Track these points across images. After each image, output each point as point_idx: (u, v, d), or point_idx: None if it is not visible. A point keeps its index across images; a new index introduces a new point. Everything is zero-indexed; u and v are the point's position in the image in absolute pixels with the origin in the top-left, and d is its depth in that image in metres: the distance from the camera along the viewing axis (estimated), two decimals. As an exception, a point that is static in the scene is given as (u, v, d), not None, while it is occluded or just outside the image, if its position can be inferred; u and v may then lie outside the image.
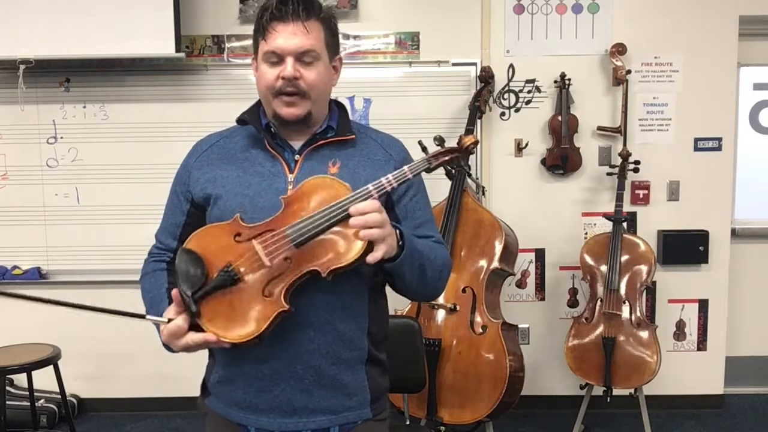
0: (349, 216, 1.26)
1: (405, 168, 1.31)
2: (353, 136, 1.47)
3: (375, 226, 1.26)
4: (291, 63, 1.38)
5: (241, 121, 1.51)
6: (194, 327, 1.31)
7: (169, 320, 1.31)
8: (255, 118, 1.48)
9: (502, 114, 3.62)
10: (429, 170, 1.34)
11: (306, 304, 1.36)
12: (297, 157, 1.44)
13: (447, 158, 1.34)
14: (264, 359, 1.39)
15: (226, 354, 1.44)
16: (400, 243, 1.33)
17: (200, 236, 1.35)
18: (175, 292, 1.31)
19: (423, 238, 1.46)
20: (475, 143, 1.35)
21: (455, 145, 1.35)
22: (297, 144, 1.46)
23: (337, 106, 1.53)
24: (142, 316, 1.35)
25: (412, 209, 1.47)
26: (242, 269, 1.30)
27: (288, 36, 1.38)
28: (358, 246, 1.27)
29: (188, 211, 1.49)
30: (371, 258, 1.26)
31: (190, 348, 1.32)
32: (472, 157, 3.35)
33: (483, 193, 3.52)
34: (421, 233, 1.46)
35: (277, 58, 1.39)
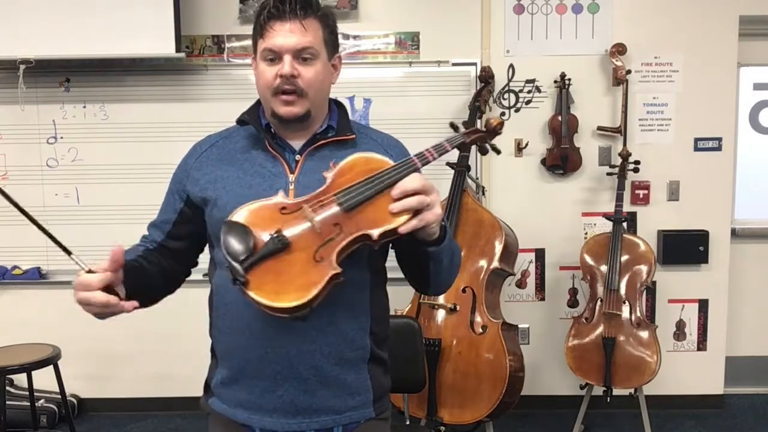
0: (394, 183, 1.28)
1: (444, 141, 1.37)
2: (353, 136, 1.47)
3: (412, 194, 1.26)
4: (288, 61, 1.38)
5: (240, 121, 1.51)
6: (109, 291, 1.29)
7: (89, 271, 1.28)
8: (255, 118, 1.48)
9: (502, 114, 3.62)
10: (464, 146, 1.43)
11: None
12: (297, 157, 1.44)
13: (479, 135, 1.44)
14: (267, 360, 1.39)
15: (230, 355, 1.44)
16: (444, 223, 1.36)
17: (244, 210, 1.30)
18: (116, 250, 1.29)
19: None
20: (502, 124, 1.44)
21: (485, 127, 1.46)
22: (297, 144, 1.46)
23: (336, 106, 1.53)
24: (69, 252, 1.32)
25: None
26: (291, 235, 1.27)
27: (286, 34, 1.38)
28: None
29: (180, 210, 1.49)
30: (405, 227, 1.25)
31: (90, 303, 1.29)
32: (471, 157, 3.35)
33: (483, 193, 3.52)
34: None
35: (274, 56, 1.39)
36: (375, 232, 1.26)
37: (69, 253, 1.31)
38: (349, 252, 1.27)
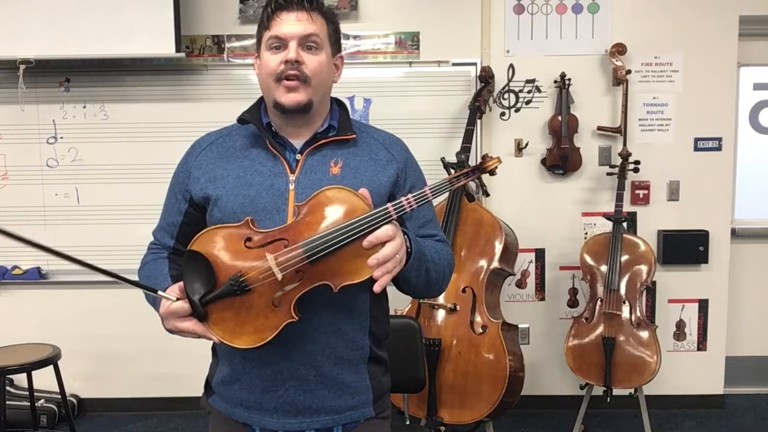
0: (364, 237, 1.25)
1: (426, 189, 1.31)
2: (354, 136, 1.47)
3: (390, 260, 1.26)
4: (294, 47, 1.39)
5: (242, 120, 1.50)
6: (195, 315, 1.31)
7: (177, 299, 1.30)
8: (256, 117, 1.48)
9: (502, 114, 3.62)
10: (450, 191, 1.36)
11: (307, 306, 1.36)
12: (298, 156, 1.44)
13: (468, 180, 1.34)
14: (267, 360, 1.39)
15: (231, 354, 1.44)
16: (409, 250, 1.34)
17: (209, 238, 1.31)
18: (180, 285, 1.30)
19: (427, 237, 1.46)
20: (497, 164, 1.35)
21: (477, 166, 1.35)
22: (298, 143, 1.45)
23: (338, 105, 1.53)
24: (154, 291, 1.32)
25: (416, 209, 1.47)
26: (252, 279, 1.28)
27: (292, 22, 1.40)
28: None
29: (186, 211, 1.48)
30: (377, 287, 1.26)
31: (186, 334, 1.31)
32: (471, 157, 3.35)
33: (485, 194, 3.51)
34: (425, 232, 1.47)
35: (280, 44, 1.40)
36: (336, 285, 1.27)
37: (155, 291, 1.32)
38: (308, 293, 1.29)
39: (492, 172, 1.35)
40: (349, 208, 1.28)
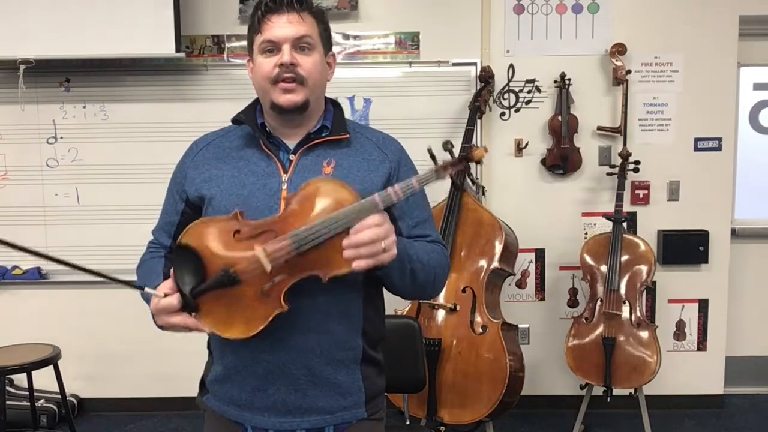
0: (351, 227, 1.26)
1: (413, 180, 1.29)
2: (347, 136, 1.47)
3: (365, 245, 1.24)
4: (288, 50, 1.39)
5: (236, 121, 1.51)
6: (186, 308, 1.32)
7: (165, 295, 1.31)
8: (251, 117, 1.49)
9: (502, 114, 3.62)
10: (437, 180, 1.33)
11: (300, 305, 1.36)
12: (291, 156, 1.44)
13: (454, 169, 1.32)
14: (259, 359, 1.40)
15: (224, 353, 1.44)
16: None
17: (197, 230, 1.33)
18: (173, 275, 1.32)
19: (419, 237, 1.46)
20: (483, 153, 1.33)
21: (463, 156, 1.34)
22: (292, 143, 1.46)
23: (333, 105, 1.53)
24: (141, 288, 1.35)
25: (409, 209, 1.47)
26: (241, 270, 1.29)
27: (284, 25, 1.40)
28: None
29: (182, 211, 1.50)
30: (359, 266, 1.26)
31: (177, 328, 1.32)
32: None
33: (483, 193, 3.52)
34: (418, 232, 1.46)
35: (273, 47, 1.41)
36: (324, 276, 1.28)
37: (141, 288, 1.35)
38: (297, 284, 1.30)
39: (478, 161, 1.34)
40: (336, 198, 1.30)
